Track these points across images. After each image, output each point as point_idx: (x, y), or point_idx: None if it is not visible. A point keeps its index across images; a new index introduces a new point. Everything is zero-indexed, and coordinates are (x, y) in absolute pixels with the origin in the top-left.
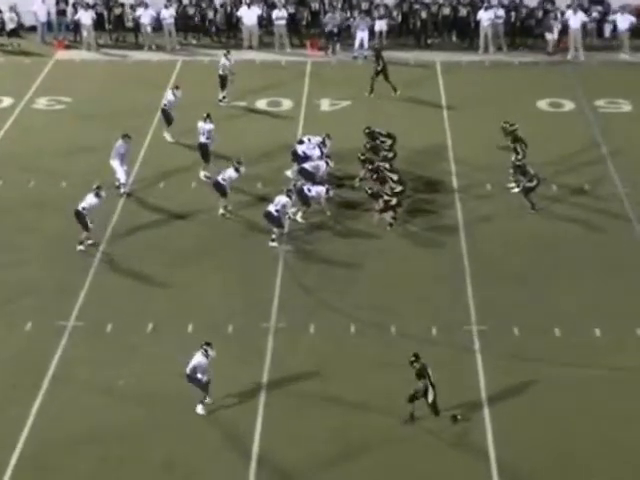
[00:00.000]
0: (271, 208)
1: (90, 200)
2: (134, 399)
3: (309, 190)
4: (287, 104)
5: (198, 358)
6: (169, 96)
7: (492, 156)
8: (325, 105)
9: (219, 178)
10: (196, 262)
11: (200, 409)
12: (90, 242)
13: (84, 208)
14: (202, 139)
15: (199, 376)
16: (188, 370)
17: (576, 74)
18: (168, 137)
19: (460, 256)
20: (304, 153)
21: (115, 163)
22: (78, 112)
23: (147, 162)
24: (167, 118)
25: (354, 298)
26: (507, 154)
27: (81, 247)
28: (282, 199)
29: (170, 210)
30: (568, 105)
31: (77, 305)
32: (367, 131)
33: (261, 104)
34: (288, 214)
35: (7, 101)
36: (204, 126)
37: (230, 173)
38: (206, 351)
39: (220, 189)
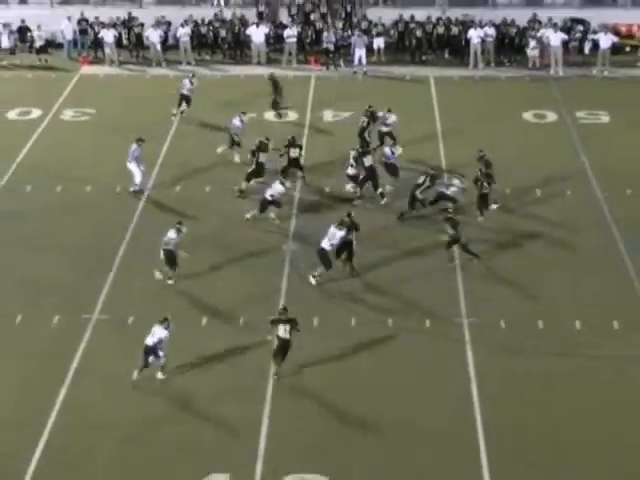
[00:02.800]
0: (325, 245)
1: (171, 235)
2: (153, 388)
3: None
4: (293, 115)
5: (161, 333)
6: (236, 122)
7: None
8: (328, 116)
9: (267, 195)
10: (210, 260)
11: (160, 375)
12: (170, 282)
13: (167, 244)
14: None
15: (160, 352)
16: (151, 342)
17: (558, 88)
18: (237, 158)
19: (452, 255)
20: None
21: (132, 166)
22: (101, 122)
23: (165, 166)
24: (232, 140)
25: (355, 292)
26: (493, 157)
27: (158, 275)
28: (337, 232)
29: (186, 212)
30: (551, 116)
31: (100, 300)
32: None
33: (269, 115)
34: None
35: (36, 112)
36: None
37: (278, 188)
38: (167, 325)
39: (266, 204)
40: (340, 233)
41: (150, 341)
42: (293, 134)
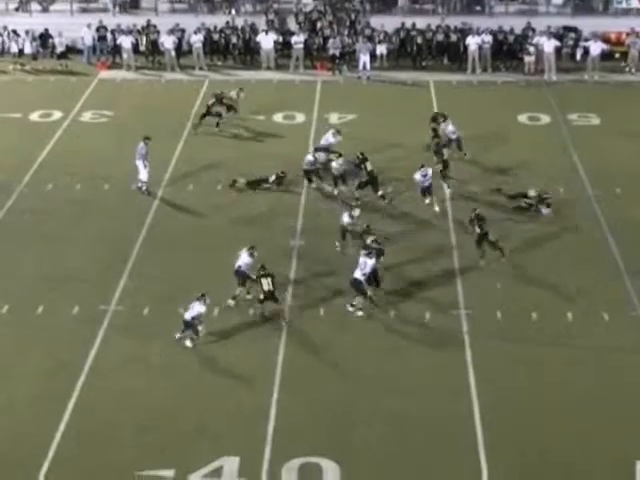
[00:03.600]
0: (358, 275)
1: (244, 259)
2: (166, 373)
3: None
4: (300, 118)
5: (199, 308)
6: (330, 138)
7: (477, 161)
8: (334, 119)
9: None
10: (222, 255)
11: (189, 342)
12: (248, 297)
13: (240, 267)
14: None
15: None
16: (189, 317)
17: (551, 92)
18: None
19: (450, 251)
20: None
21: (138, 163)
22: (119, 124)
23: (178, 165)
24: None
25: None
26: (490, 158)
27: (231, 302)
28: (368, 261)
29: (198, 209)
30: (545, 119)
31: (118, 291)
32: None
33: (277, 118)
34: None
35: (57, 114)
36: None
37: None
38: (205, 301)
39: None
40: (371, 262)
41: (188, 316)
42: (300, 136)
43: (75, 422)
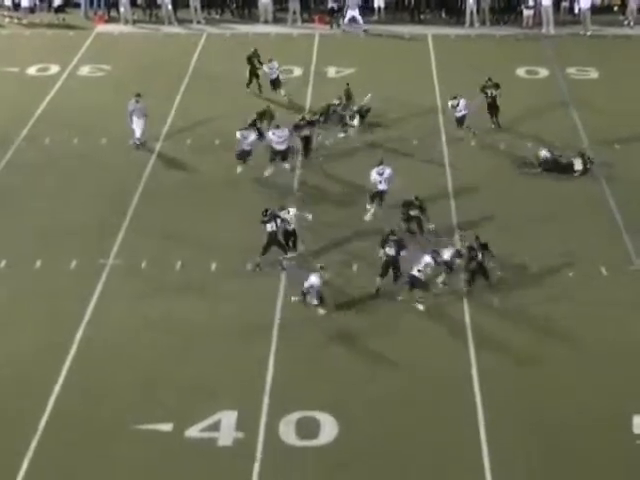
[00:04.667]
0: (414, 272)
1: (313, 280)
2: (164, 328)
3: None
4: (298, 71)
5: (314, 280)
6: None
7: (475, 115)
8: (331, 72)
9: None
10: (218, 210)
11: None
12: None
13: (306, 288)
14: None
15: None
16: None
17: (549, 45)
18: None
19: (449, 211)
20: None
21: (131, 119)
22: (116, 78)
23: (176, 120)
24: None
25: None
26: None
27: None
28: (426, 259)
29: (195, 165)
30: (543, 72)
31: (116, 245)
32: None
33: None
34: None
35: (54, 69)
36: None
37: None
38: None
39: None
40: (431, 262)
41: (305, 285)
42: (298, 89)
43: (74, 375)
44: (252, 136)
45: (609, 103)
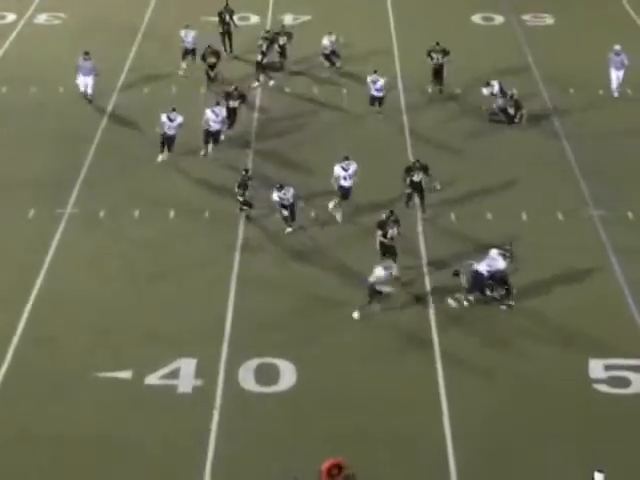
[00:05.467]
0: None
1: (379, 273)
2: (122, 277)
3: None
4: (254, 19)
5: (379, 272)
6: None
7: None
8: (288, 19)
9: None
10: (175, 158)
11: (356, 315)
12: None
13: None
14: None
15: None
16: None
17: None
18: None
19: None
20: None
21: (77, 76)
22: (73, 27)
23: (133, 70)
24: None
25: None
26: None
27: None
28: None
29: (152, 116)
30: (498, 19)
31: (73, 195)
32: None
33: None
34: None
35: (11, 17)
36: None
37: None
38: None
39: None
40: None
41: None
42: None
43: (32, 325)
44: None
45: (564, 49)
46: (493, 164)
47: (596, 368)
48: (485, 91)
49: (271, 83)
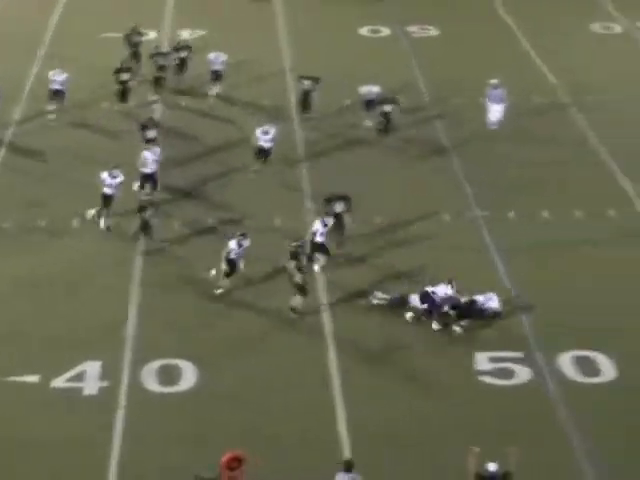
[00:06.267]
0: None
1: (232, 246)
2: (31, 280)
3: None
4: (152, 34)
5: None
6: None
7: (329, 69)
8: (185, 34)
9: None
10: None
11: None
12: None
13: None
14: None
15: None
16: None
17: (391, 4)
18: None
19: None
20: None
21: None
22: None
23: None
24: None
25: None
26: (333, 71)
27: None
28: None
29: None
30: (385, 31)
31: None
32: None
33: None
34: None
35: None
36: None
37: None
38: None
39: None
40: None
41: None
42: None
43: None
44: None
45: (449, 59)
46: (379, 170)
47: (482, 360)
48: (364, 90)
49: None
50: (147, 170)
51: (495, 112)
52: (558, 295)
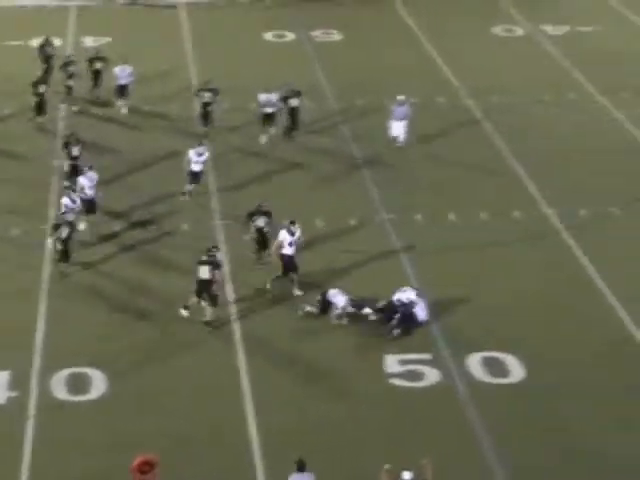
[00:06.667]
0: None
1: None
2: None
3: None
4: (57, 42)
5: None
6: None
7: (233, 76)
8: (89, 42)
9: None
10: None
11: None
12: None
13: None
14: None
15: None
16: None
17: (295, 9)
18: None
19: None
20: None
21: None
22: None
23: None
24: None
25: None
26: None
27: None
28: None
29: None
30: (290, 36)
31: None
32: None
33: (36, 43)
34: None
35: None
36: None
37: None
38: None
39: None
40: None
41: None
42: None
43: None
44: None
45: (352, 63)
46: (285, 176)
47: (392, 363)
48: (263, 97)
49: (74, 108)
50: (86, 197)
51: (398, 128)
52: (466, 296)
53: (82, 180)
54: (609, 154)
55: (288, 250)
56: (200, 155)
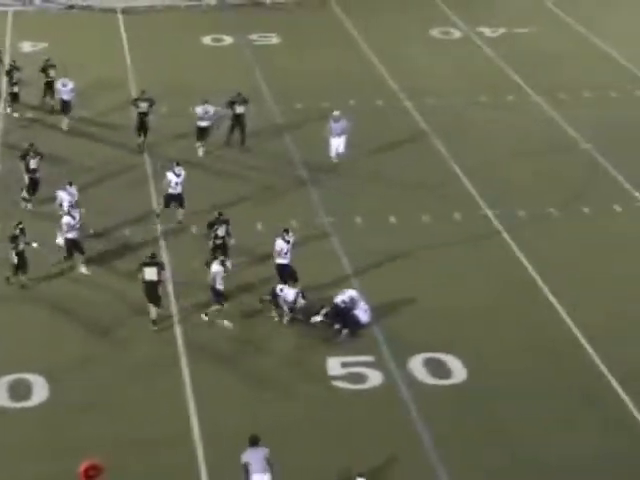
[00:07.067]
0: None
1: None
2: None
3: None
4: None
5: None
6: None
7: (162, 81)
8: (27, 47)
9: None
10: None
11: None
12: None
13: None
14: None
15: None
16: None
17: (233, 14)
18: None
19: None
20: None
21: None
22: None
23: None
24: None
25: None
26: (179, 79)
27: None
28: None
29: None
30: (228, 40)
31: None
32: None
33: None
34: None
35: None
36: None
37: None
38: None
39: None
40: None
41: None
42: None
43: None
44: None
45: (291, 66)
46: (227, 181)
47: (334, 365)
48: (200, 109)
49: (16, 115)
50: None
51: (337, 146)
52: (408, 299)
53: (62, 194)
54: (547, 155)
55: (284, 259)
56: (178, 176)
